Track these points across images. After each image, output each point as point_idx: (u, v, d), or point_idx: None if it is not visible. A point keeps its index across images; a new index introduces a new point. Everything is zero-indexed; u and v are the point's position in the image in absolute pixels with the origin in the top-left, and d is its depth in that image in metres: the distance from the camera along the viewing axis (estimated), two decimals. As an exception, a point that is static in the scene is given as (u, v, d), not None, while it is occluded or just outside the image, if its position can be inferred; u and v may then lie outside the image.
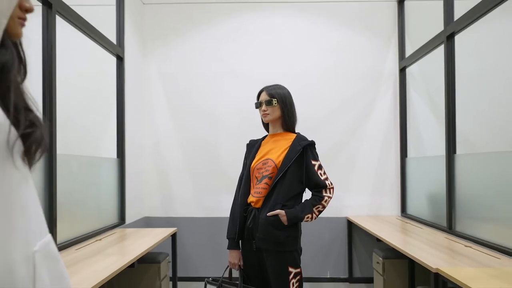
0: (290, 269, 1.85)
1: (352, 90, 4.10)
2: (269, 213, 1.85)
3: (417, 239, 2.80)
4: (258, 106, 2.01)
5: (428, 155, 3.53)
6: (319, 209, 1.88)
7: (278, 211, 1.84)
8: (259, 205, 1.92)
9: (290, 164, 1.87)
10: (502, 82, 2.64)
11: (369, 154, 4.08)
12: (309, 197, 1.92)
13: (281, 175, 1.87)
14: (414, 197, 3.81)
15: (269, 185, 1.91)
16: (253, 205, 1.95)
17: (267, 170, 1.93)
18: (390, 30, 4.11)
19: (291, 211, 1.85)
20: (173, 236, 3.32)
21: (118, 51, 3.47)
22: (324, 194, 1.89)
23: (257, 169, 1.97)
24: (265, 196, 1.90)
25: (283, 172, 1.87)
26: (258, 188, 1.94)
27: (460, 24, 2.84)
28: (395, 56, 4.10)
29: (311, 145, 1.93)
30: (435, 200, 3.29)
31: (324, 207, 1.90)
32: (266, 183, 1.92)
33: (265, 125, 2.09)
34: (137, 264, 2.41)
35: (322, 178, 1.90)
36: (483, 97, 2.84)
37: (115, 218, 3.45)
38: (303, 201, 1.93)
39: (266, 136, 2.10)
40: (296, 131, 2.06)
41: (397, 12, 4.09)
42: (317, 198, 1.89)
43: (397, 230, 3.21)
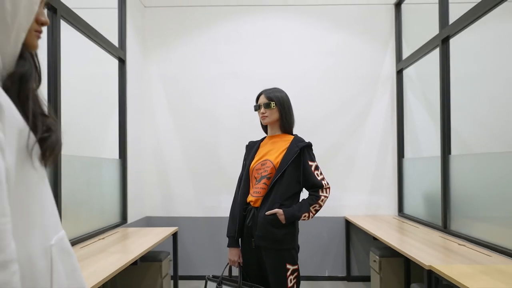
0: (288, 266, 1.91)
1: (350, 92, 4.16)
2: (267, 212, 1.91)
3: (413, 238, 2.86)
4: (257, 108, 2.07)
5: (424, 155, 3.60)
6: (315, 208, 1.95)
7: (276, 210, 1.90)
8: (258, 205, 1.99)
9: (287, 165, 1.94)
10: (497, 84, 2.71)
11: (367, 155, 4.15)
12: (306, 197, 1.99)
13: (279, 175, 1.94)
14: (410, 197, 3.88)
15: (267, 185, 1.97)
16: (252, 204, 2.01)
17: (265, 170, 2.00)
18: (388, 33, 4.17)
19: (288, 210, 1.91)
20: (174, 235, 3.38)
21: (120, 54, 3.53)
22: (320, 193, 1.96)
23: (256, 169, 2.04)
24: (263, 195, 1.97)
25: (281, 173, 1.94)
26: (257, 188, 2.01)
27: (455, 28, 2.91)
28: (392, 59, 4.17)
29: (308, 146, 2.00)
30: (431, 200, 3.36)
31: (320, 206, 1.96)
32: (264, 183, 1.99)
33: (264, 127, 2.16)
34: (139, 262, 2.47)
35: (318, 178, 1.96)
36: (478, 98, 2.91)
37: (117, 217, 3.52)
38: (300, 200, 2.00)
39: (265, 137, 2.17)
40: (294, 132, 2.13)
41: (394, 15, 4.15)
42: (314, 198, 1.95)
43: (393, 229, 3.27)
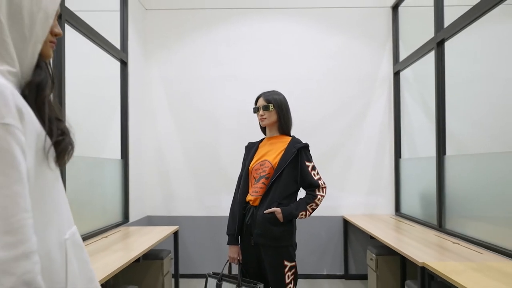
0: (286, 262, 1.99)
1: (348, 94, 4.23)
2: (266, 211, 1.99)
3: (409, 236, 2.93)
4: (256, 111, 2.14)
5: (421, 156, 3.67)
6: (312, 207, 2.02)
7: (275, 209, 1.97)
8: (257, 203, 2.06)
9: (285, 165, 2.01)
10: (491, 85, 2.78)
11: (364, 155, 4.22)
12: (304, 196, 2.06)
13: (277, 175, 2.01)
14: (407, 196, 3.94)
15: (266, 184, 2.04)
16: (251, 203, 2.08)
17: (264, 170, 2.07)
18: (385, 35, 4.24)
19: (286, 208, 1.98)
20: (175, 234, 3.45)
21: (122, 56, 3.60)
22: (317, 193, 2.03)
23: (255, 169, 2.11)
24: (262, 195, 2.04)
25: (279, 173, 2.01)
26: (256, 188, 2.08)
27: (449, 31, 2.97)
28: (390, 60, 4.23)
29: (305, 147, 2.07)
30: (427, 199, 3.43)
31: (317, 205, 2.04)
32: (263, 182, 2.06)
33: (263, 128, 2.24)
34: (142, 259, 2.54)
35: (315, 178, 2.04)
36: (473, 100, 2.97)
37: (119, 216, 3.59)
38: (297, 199, 2.07)
39: (264, 138, 2.24)
40: (294, 133, 2.21)
41: (392, 17, 4.22)
42: (310, 197, 2.02)
43: (390, 228, 3.34)
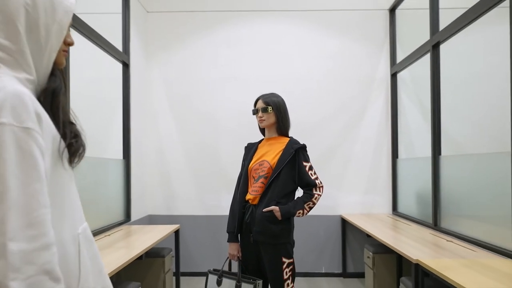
0: (284, 259, 2.06)
1: (347, 95, 4.30)
2: (265, 209, 2.06)
3: (405, 235, 3.00)
4: (255, 112, 2.21)
5: (417, 156, 3.74)
6: (309, 205, 2.09)
7: (273, 207, 2.04)
8: (256, 202, 2.13)
9: (283, 165, 2.08)
10: (486, 87, 2.84)
11: (362, 155, 4.28)
12: (301, 195, 2.13)
13: (275, 175, 2.08)
14: (404, 196, 4.01)
15: (265, 184, 2.11)
16: (250, 202, 2.16)
17: (263, 170, 2.14)
18: (382, 37, 4.31)
19: (284, 207, 2.05)
20: (176, 233, 3.52)
21: (124, 58, 3.67)
22: (314, 192, 2.10)
23: (254, 169, 2.18)
24: (261, 194, 2.11)
25: (277, 173, 2.08)
26: (255, 187, 2.15)
27: (444, 34, 3.04)
28: (387, 62, 4.30)
29: (302, 148, 2.14)
30: (423, 199, 3.50)
31: (314, 203, 2.11)
32: (262, 182, 2.13)
33: (262, 129, 2.31)
34: (144, 256, 2.61)
35: (312, 178, 2.11)
36: (469, 101, 3.04)
37: (122, 215, 3.66)
38: (295, 198, 2.14)
39: (263, 139, 2.31)
40: (293, 134, 2.28)
41: (389, 20, 4.29)
42: (308, 196, 2.10)
43: (387, 227, 3.41)
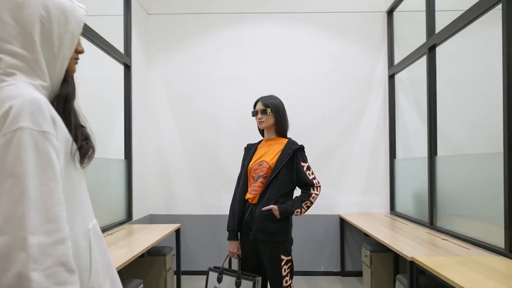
0: (282, 256, 2.12)
1: (345, 96, 4.36)
2: (264, 208, 2.12)
3: (401, 234, 3.06)
4: (255, 114, 2.28)
5: (415, 156, 3.80)
6: (307, 204, 2.16)
7: (272, 206, 2.11)
8: (255, 201, 2.19)
9: (282, 166, 2.14)
10: (482, 88, 2.90)
11: (360, 156, 4.35)
12: (299, 194, 2.19)
13: (274, 175, 2.14)
14: (401, 196, 4.08)
15: (264, 183, 2.18)
16: (250, 201, 2.22)
17: (262, 170, 2.20)
18: (380, 39, 4.37)
19: (283, 206, 2.11)
20: (177, 232, 3.58)
21: (126, 60, 3.73)
22: (312, 191, 2.16)
23: (254, 169, 2.24)
24: (260, 193, 2.17)
25: (276, 173, 2.14)
26: (254, 186, 2.21)
27: (440, 37, 3.10)
28: (385, 64, 4.37)
29: (300, 149, 2.21)
30: (419, 198, 3.56)
31: (312, 203, 2.17)
32: (261, 182, 2.19)
33: (261, 131, 2.37)
34: (146, 255, 2.67)
35: (310, 178, 2.17)
36: (465, 102, 3.10)
37: (123, 215, 3.72)
38: (293, 197, 2.21)
39: (262, 140, 2.37)
40: (292, 134, 2.34)
41: (387, 22, 4.35)
42: (305, 195, 2.16)
43: (384, 226, 3.47)
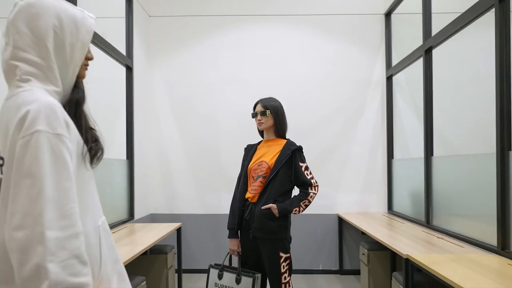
0: (281, 254, 2.18)
1: (343, 97, 4.42)
2: (263, 207, 2.18)
3: (398, 232, 3.13)
4: (254, 116, 2.35)
5: (412, 156, 3.86)
6: (305, 203, 2.22)
7: (271, 205, 2.17)
8: (255, 200, 2.26)
9: (281, 166, 2.21)
10: (477, 90, 2.96)
11: (359, 156, 4.41)
12: (297, 193, 2.25)
13: (273, 174, 2.21)
14: (399, 195, 4.14)
15: (263, 183, 2.24)
16: (250, 200, 2.28)
17: (261, 170, 2.27)
18: (378, 41, 4.43)
19: (281, 205, 2.18)
20: (178, 230, 3.64)
21: (127, 62, 3.79)
22: (310, 190, 2.23)
23: (253, 169, 2.31)
24: (260, 192, 2.24)
25: (275, 172, 2.21)
26: (254, 186, 2.28)
27: (437, 39, 3.16)
28: (383, 65, 4.43)
29: (299, 149, 2.27)
30: (416, 198, 3.62)
31: (309, 201, 2.23)
32: (261, 181, 2.25)
33: (260, 132, 2.44)
34: (149, 252, 2.73)
35: (308, 178, 2.24)
36: (461, 103, 3.16)
37: (125, 214, 3.78)
38: (292, 196, 2.27)
39: (261, 141, 2.44)
40: (291, 135, 2.41)
41: (385, 24, 4.42)
42: (304, 194, 2.23)
43: (382, 225, 3.53)
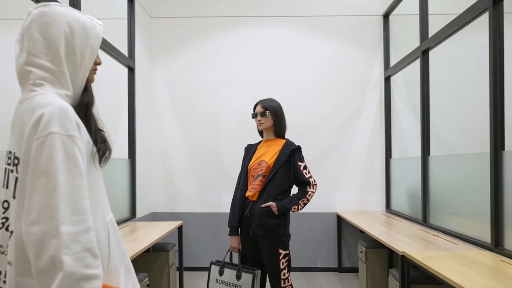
0: (280, 250, 2.25)
1: (342, 98, 4.48)
2: (263, 205, 2.25)
3: (396, 230, 3.19)
4: (254, 116, 2.41)
5: (409, 156, 3.92)
6: (304, 201, 2.29)
7: (270, 203, 2.23)
8: (255, 198, 2.32)
9: (280, 165, 2.27)
10: (473, 91, 3.02)
11: (357, 156, 4.47)
12: (296, 192, 2.32)
13: (273, 174, 2.27)
14: (397, 194, 4.20)
15: (263, 182, 2.30)
16: (250, 198, 2.35)
17: (261, 169, 2.33)
18: (377, 42, 4.49)
19: (281, 203, 2.24)
20: (180, 229, 3.70)
21: (129, 63, 3.85)
22: (308, 189, 2.29)
23: (253, 168, 2.37)
24: (259, 191, 2.30)
25: (274, 172, 2.27)
26: (254, 185, 2.34)
27: (433, 41, 3.22)
28: (381, 66, 4.49)
29: (297, 149, 2.34)
30: (413, 197, 3.68)
31: (308, 200, 2.30)
32: (260, 180, 2.32)
33: (260, 132, 2.50)
34: (151, 249, 2.79)
35: (306, 177, 2.30)
36: (458, 104, 3.22)
37: (127, 212, 3.84)
38: (291, 195, 2.33)
39: (261, 141, 2.50)
40: (290, 135, 2.48)
41: (383, 25, 4.48)
42: (302, 193, 2.29)
43: (380, 223, 3.59)
